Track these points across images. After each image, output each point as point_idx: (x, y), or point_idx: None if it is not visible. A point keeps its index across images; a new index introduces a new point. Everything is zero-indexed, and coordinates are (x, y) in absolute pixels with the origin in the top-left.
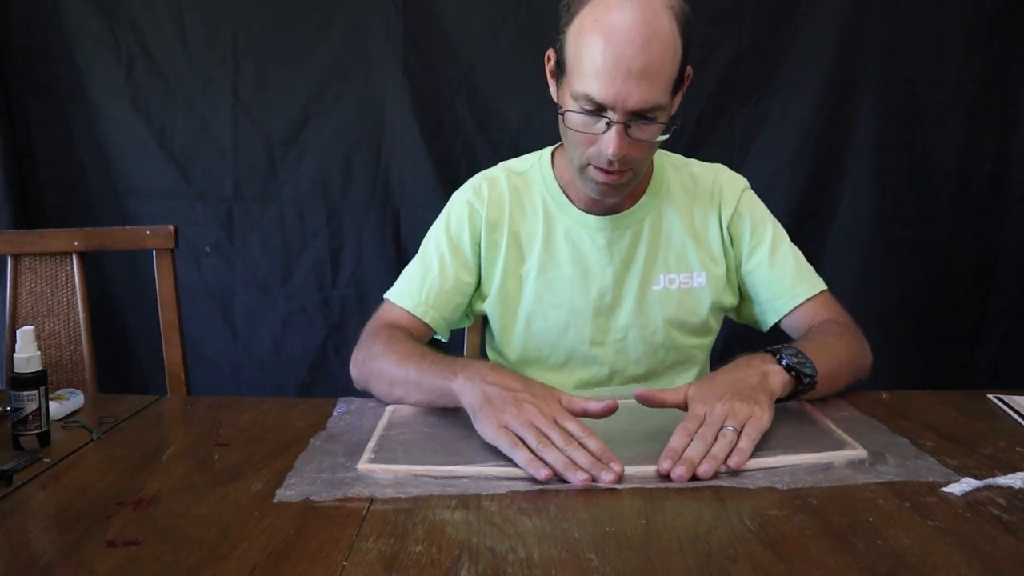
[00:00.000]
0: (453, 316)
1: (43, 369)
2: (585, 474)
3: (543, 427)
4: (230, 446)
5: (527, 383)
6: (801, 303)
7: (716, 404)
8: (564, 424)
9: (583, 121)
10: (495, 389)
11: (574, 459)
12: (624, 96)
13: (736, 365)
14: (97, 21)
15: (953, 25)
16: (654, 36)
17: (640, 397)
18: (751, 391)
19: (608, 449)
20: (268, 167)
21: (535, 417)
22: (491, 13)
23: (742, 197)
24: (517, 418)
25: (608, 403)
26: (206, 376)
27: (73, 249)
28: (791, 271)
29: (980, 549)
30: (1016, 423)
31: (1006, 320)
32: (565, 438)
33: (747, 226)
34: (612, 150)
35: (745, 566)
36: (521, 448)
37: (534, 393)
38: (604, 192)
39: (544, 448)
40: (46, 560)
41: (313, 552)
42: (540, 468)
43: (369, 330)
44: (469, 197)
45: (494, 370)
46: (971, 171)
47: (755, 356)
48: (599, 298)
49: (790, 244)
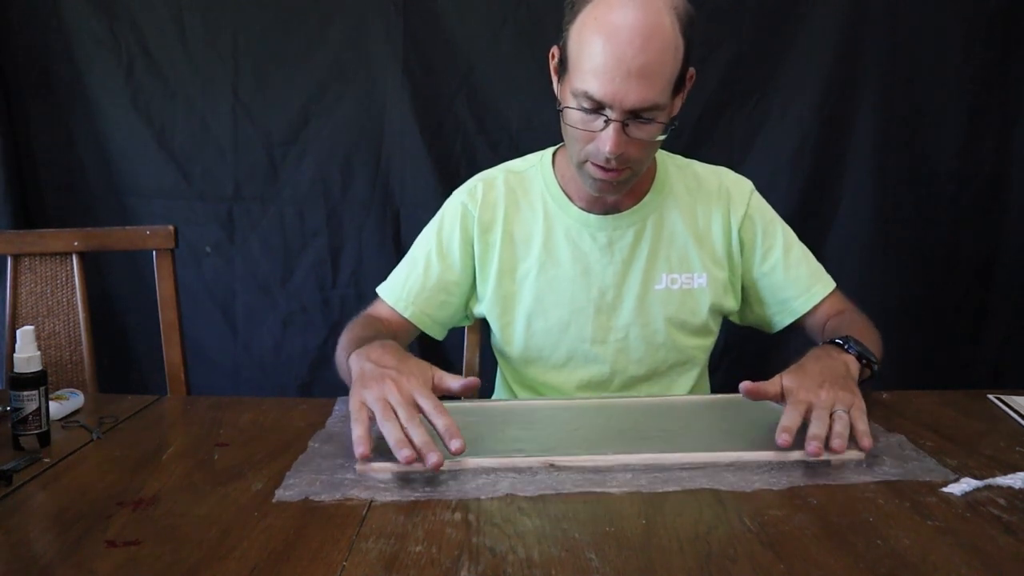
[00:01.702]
0: (440, 314)
1: (43, 369)
2: (410, 452)
3: (393, 402)
4: (230, 446)
5: (403, 360)
6: (818, 303)
7: (819, 391)
8: (419, 400)
9: (582, 118)
10: (371, 366)
11: (411, 435)
12: (622, 95)
13: (818, 357)
14: (97, 21)
15: (953, 25)
16: (654, 36)
17: (747, 391)
18: (844, 380)
19: (455, 427)
20: (268, 167)
21: (389, 392)
22: (491, 13)
23: (751, 201)
24: (374, 392)
25: (468, 380)
26: (206, 376)
27: (73, 249)
28: (805, 272)
29: (980, 549)
30: (1016, 423)
31: (1006, 320)
32: (409, 414)
33: (759, 231)
34: (609, 148)
35: (745, 566)
36: (361, 424)
37: (401, 370)
38: (602, 188)
39: (386, 421)
40: (46, 560)
41: (313, 552)
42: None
43: (351, 321)
44: (463, 198)
45: (383, 348)
46: (971, 171)
47: (827, 347)
48: (600, 296)
49: (800, 244)
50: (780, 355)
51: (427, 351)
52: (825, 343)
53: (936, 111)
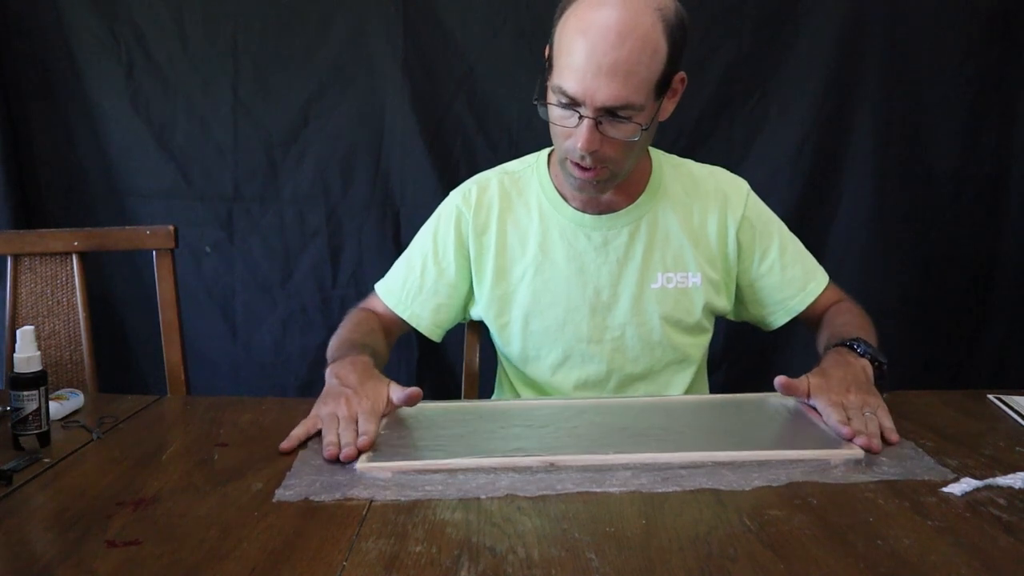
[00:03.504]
0: (437, 316)
1: (43, 369)
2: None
3: (340, 417)
4: (230, 446)
5: (363, 381)
6: (814, 300)
7: (847, 395)
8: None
9: (560, 114)
10: (335, 383)
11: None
12: (592, 91)
13: (836, 363)
14: (97, 21)
15: (953, 25)
16: (630, 35)
17: (781, 386)
18: (866, 385)
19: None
20: (268, 167)
21: (339, 408)
22: (491, 13)
23: (748, 202)
24: (328, 408)
25: (408, 392)
26: (206, 376)
27: (73, 249)
28: (800, 272)
29: (980, 549)
30: (1016, 423)
31: (1006, 320)
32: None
33: (756, 233)
34: (580, 144)
35: (745, 566)
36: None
37: (357, 391)
38: (581, 187)
39: (327, 432)
40: (46, 560)
41: (313, 552)
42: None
43: (348, 313)
44: (458, 202)
45: (352, 366)
46: (971, 171)
47: (843, 353)
48: (595, 295)
49: (793, 239)
50: (780, 356)
51: (428, 352)
52: (838, 345)
53: (936, 111)
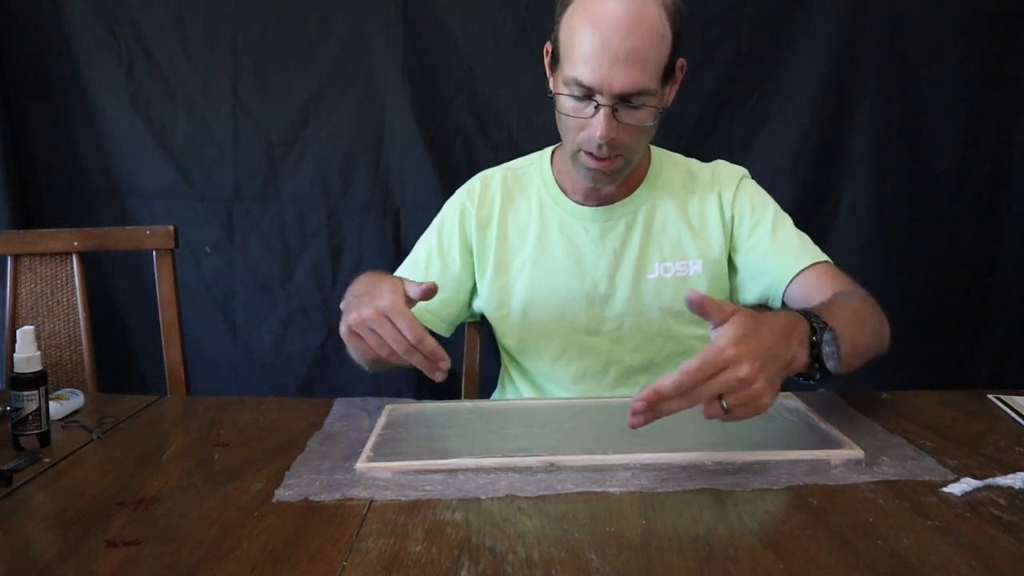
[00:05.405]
0: (443, 311)
1: (43, 369)
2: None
3: (368, 319)
4: (230, 446)
5: (374, 285)
6: (805, 268)
7: (744, 364)
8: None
9: (573, 106)
10: (352, 297)
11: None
12: (610, 79)
13: (783, 327)
14: (97, 21)
15: (953, 25)
16: (640, 23)
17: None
18: (777, 371)
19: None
20: (268, 167)
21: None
22: (491, 13)
23: (741, 181)
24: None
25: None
26: (206, 376)
27: (73, 249)
28: (794, 244)
29: (980, 549)
30: (1016, 423)
31: (1006, 320)
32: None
33: (747, 205)
34: (600, 132)
35: (745, 566)
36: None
37: (372, 294)
38: (596, 178)
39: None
40: (46, 560)
41: (313, 552)
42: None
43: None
44: (462, 198)
45: (365, 278)
46: (971, 171)
47: (800, 323)
48: (593, 287)
49: (792, 225)
50: None
51: None
52: (804, 315)
53: (936, 111)
